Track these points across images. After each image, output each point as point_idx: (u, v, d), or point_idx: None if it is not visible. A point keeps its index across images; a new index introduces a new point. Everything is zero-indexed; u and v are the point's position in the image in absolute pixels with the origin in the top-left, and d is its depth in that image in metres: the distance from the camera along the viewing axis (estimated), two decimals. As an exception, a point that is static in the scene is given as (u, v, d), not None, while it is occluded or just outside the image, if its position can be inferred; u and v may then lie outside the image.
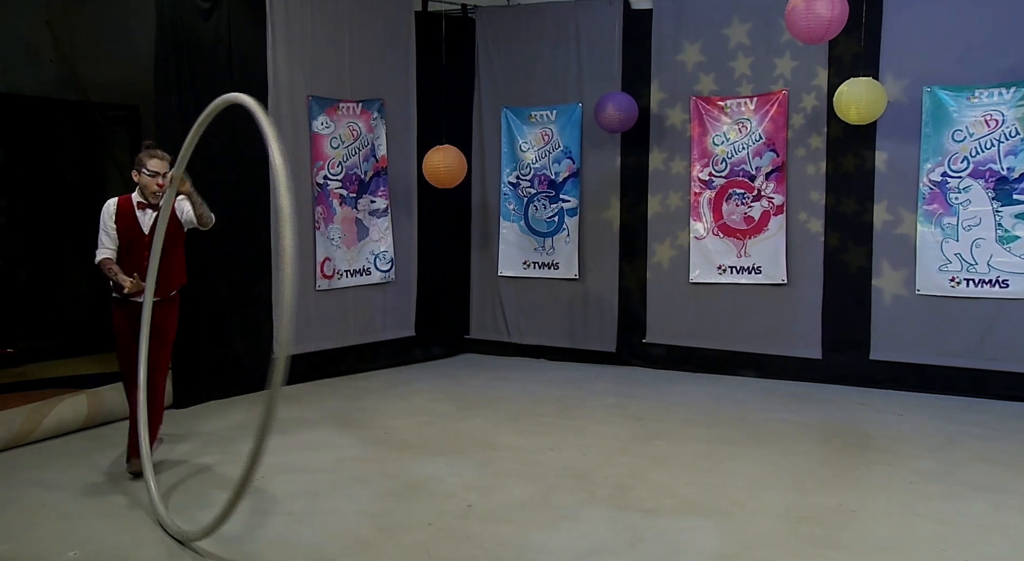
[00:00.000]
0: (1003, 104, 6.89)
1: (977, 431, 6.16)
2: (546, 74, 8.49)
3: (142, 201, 5.12)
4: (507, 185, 8.70)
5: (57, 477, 5.14)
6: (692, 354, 8.08)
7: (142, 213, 5.13)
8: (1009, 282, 6.92)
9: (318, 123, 7.65)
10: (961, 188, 7.04)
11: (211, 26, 6.91)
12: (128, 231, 5.09)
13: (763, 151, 7.70)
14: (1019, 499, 4.85)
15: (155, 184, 5.05)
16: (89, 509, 4.65)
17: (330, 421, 6.44)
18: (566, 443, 5.89)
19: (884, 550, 4.13)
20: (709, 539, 4.24)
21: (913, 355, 7.28)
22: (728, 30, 7.78)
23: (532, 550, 4.12)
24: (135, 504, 4.70)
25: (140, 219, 5.13)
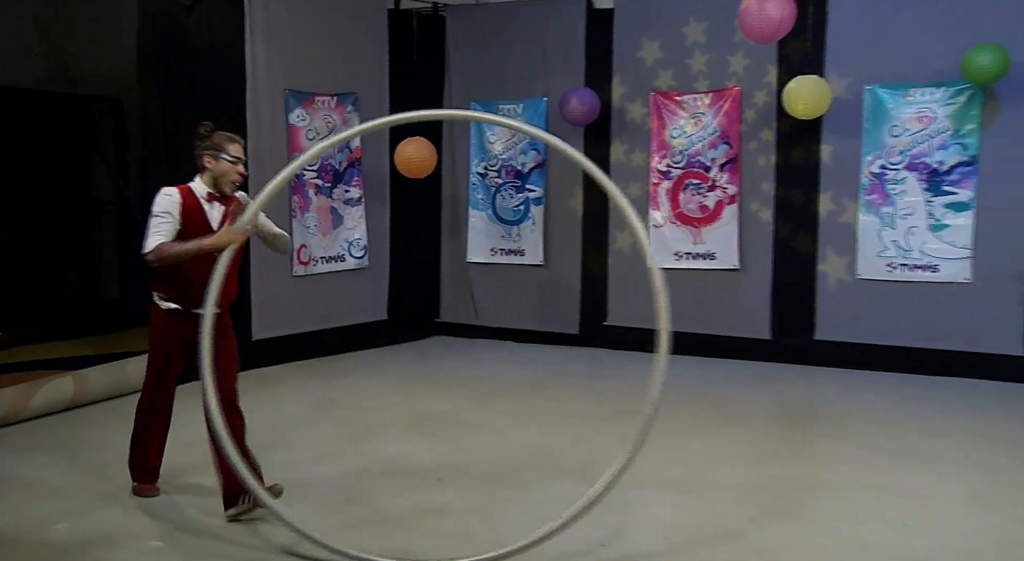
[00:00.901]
0: (935, 102, 6.97)
1: (916, 406, 6.26)
2: (513, 70, 8.44)
3: (212, 192, 4.12)
4: (475, 175, 8.66)
5: (45, 455, 5.05)
6: (651, 336, 8.06)
7: (210, 207, 4.11)
8: (939, 267, 7.03)
9: (294, 116, 7.55)
10: (897, 180, 7.13)
11: (192, 22, 6.80)
12: (193, 228, 4.01)
13: (718, 144, 7.73)
14: (956, 467, 4.94)
15: (236, 173, 4.10)
16: (77, 485, 4.58)
17: (306, 400, 6.39)
18: (534, 421, 5.89)
19: (834, 519, 4.18)
20: (670, 511, 4.28)
21: (855, 335, 7.37)
22: (685, 29, 7.79)
23: (500, 522, 4.12)
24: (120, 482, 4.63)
25: (208, 214, 4.10)
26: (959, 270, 6.94)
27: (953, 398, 6.46)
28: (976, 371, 6.93)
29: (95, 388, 6.14)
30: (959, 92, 6.83)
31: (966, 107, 6.84)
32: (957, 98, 6.86)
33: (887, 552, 3.80)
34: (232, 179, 4.10)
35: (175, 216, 3.99)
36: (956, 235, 6.94)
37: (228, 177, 4.09)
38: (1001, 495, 4.50)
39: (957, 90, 6.83)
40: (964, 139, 6.88)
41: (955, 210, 6.94)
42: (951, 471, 4.88)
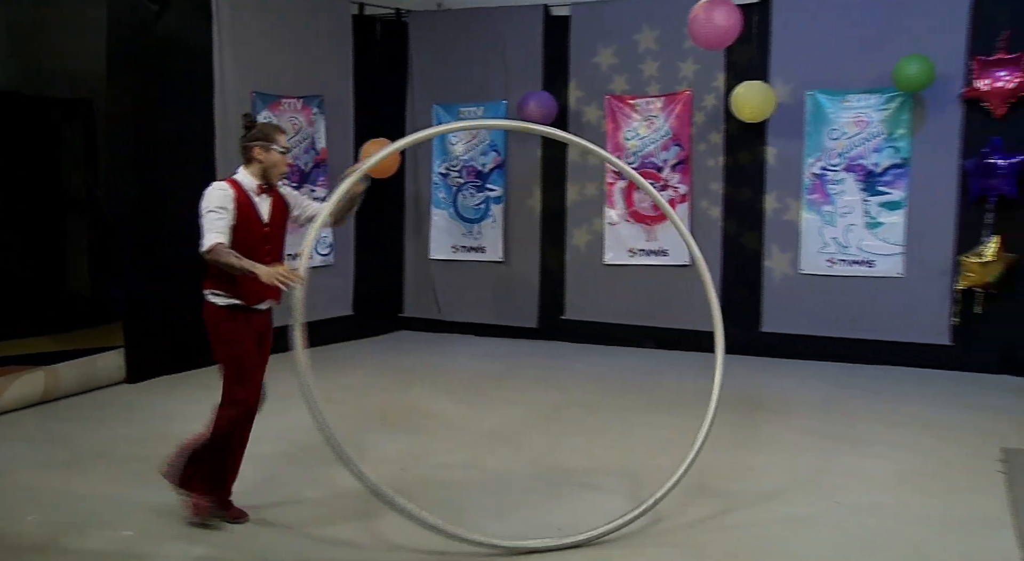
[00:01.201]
0: (871, 107, 7.15)
1: (850, 392, 6.44)
2: (473, 74, 8.49)
3: (261, 184, 3.90)
4: (438, 176, 8.71)
5: (17, 449, 5.03)
6: (606, 329, 8.23)
7: (260, 199, 3.91)
8: (875, 262, 7.23)
9: (261, 117, 7.52)
10: (836, 180, 7.31)
11: (160, 25, 6.75)
12: (245, 222, 3.82)
13: (669, 145, 7.85)
14: (877, 448, 5.13)
15: (285, 164, 3.94)
16: (48, 479, 4.57)
17: (273, 394, 6.38)
18: (494, 411, 5.97)
19: (770, 498, 4.33)
20: (620, 494, 4.37)
21: (798, 327, 7.53)
22: (638, 36, 7.89)
23: (461, 508, 4.18)
24: (90, 474, 4.64)
25: (258, 207, 3.90)
26: (893, 265, 7.15)
27: (886, 385, 6.66)
28: (907, 359, 7.14)
29: (66, 383, 6.11)
30: (891, 99, 7.03)
31: (898, 113, 7.04)
32: (890, 104, 7.05)
33: (821, 529, 3.95)
34: (282, 171, 3.93)
35: (229, 210, 3.77)
36: (890, 232, 7.14)
37: (278, 168, 3.91)
38: (927, 474, 4.68)
39: (890, 97, 7.02)
40: (896, 142, 7.08)
41: (889, 209, 7.14)
42: (875, 451, 5.05)
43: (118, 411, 5.90)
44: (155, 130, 6.78)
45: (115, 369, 6.52)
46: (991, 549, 3.74)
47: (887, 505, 4.24)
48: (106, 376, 6.46)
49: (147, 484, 4.48)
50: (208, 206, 3.76)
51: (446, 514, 4.09)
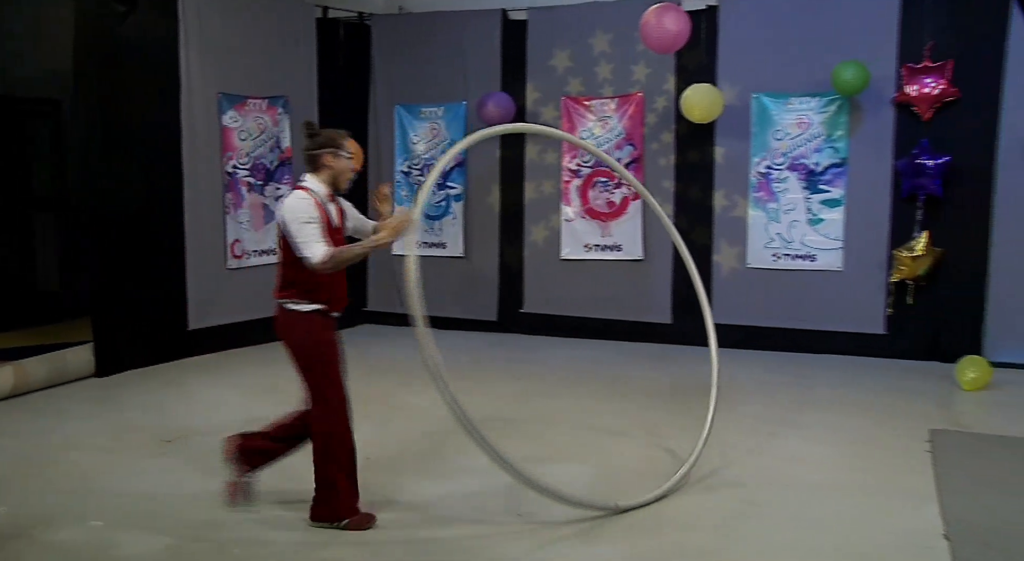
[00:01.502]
0: (812, 110, 7.31)
1: (794, 380, 6.60)
2: (434, 75, 8.52)
3: (331, 191, 3.83)
4: (400, 174, 8.73)
5: (-13, 444, 5.00)
6: (563, 321, 8.31)
7: (331, 206, 3.84)
8: (817, 257, 7.39)
9: (227, 117, 7.51)
10: (781, 179, 7.45)
11: (127, 27, 6.70)
12: (324, 229, 3.72)
13: (623, 145, 7.95)
14: (818, 432, 5.28)
15: (351, 170, 3.88)
16: (18, 471, 4.56)
17: (241, 386, 6.41)
18: (453, 401, 6.00)
19: (720, 482, 4.45)
20: (577, 481, 4.43)
21: (745, 318, 7.66)
22: (593, 40, 7.97)
23: (423, 497, 4.24)
24: (60, 467, 4.62)
25: (331, 213, 3.81)
26: (833, 259, 7.33)
27: (826, 372, 6.84)
28: (846, 348, 7.33)
29: (35, 378, 6.06)
30: (831, 101, 7.19)
31: (836, 115, 7.21)
32: (829, 107, 7.22)
33: (765, 510, 4.08)
34: (349, 176, 3.86)
35: (319, 215, 3.68)
36: (830, 228, 7.32)
37: (346, 175, 3.84)
38: (863, 455, 4.84)
39: (829, 100, 7.19)
40: (835, 143, 7.26)
41: (829, 206, 7.32)
42: (822, 436, 5.21)
43: (87, 405, 5.87)
44: (122, 129, 6.73)
45: (84, 363, 6.47)
46: (919, 521, 3.91)
47: (827, 485, 4.38)
48: (75, 370, 6.41)
49: (115, 476, 4.48)
50: (301, 217, 3.63)
51: (411, 502, 4.16)
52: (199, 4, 7.16)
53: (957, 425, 5.42)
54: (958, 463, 4.65)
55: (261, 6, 7.77)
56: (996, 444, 5.01)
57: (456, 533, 3.81)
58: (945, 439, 5.06)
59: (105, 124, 6.63)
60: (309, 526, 3.83)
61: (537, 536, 3.79)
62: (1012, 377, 6.52)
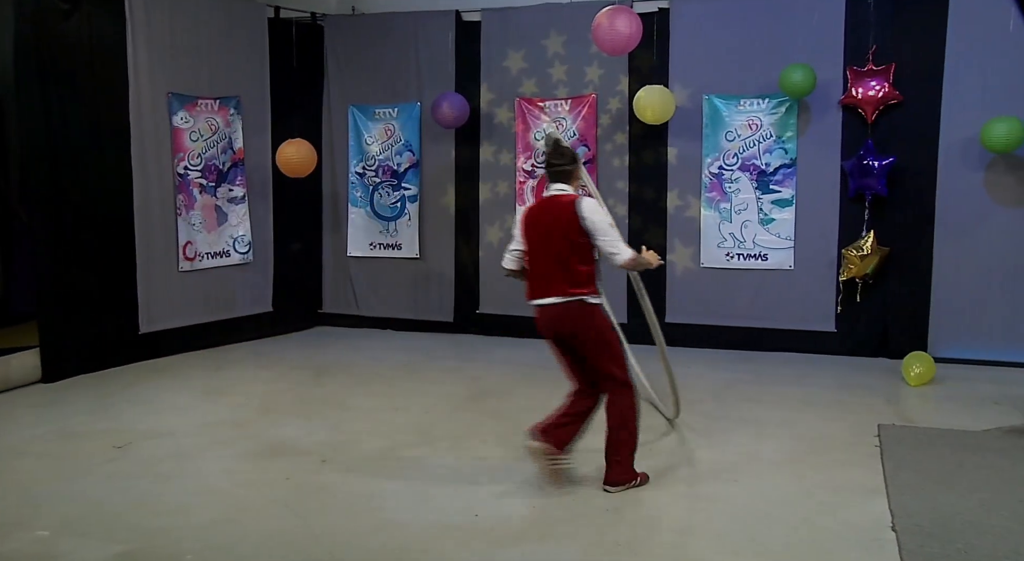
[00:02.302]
0: (762, 112, 7.42)
1: (747, 377, 6.68)
2: (388, 76, 8.48)
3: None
4: (354, 175, 8.67)
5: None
6: (518, 322, 8.27)
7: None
8: (768, 256, 7.50)
9: (178, 118, 7.39)
10: (733, 179, 7.55)
11: (71, 26, 6.56)
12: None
13: (577, 146, 7.97)
14: (770, 428, 5.36)
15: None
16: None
17: (195, 389, 6.32)
18: (411, 403, 6.00)
19: (672, 478, 4.50)
20: (532, 480, 4.44)
21: (699, 317, 7.73)
22: (546, 41, 8.00)
23: (380, 497, 4.23)
24: (5, 474, 4.50)
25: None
26: (784, 258, 7.45)
27: (778, 369, 6.93)
28: (797, 345, 7.43)
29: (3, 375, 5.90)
30: (780, 103, 7.31)
31: (785, 116, 7.33)
32: (778, 109, 7.34)
33: (718, 506, 4.14)
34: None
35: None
36: (781, 228, 7.43)
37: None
38: (814, 451, 4.92)
39: (778, 101, 7.30)
40: (785, 144, 7.38)
41: (780, 206, 7.43)
42: (768, 432, 5.29)
43: (34, 411, 5.73)
44: (68, 131, 6.58)
45: (31, 369, 6.32)
46: (868, 514, 3.99)
47: (779, 480, 4.45)
48: (21, 376, 6.26)
49: (64, 483, 4.39)
50: (607, 220, 4.15)
51: (366, 504, 4.14)
52: (147, 2, 7.03)
53: (904, 420, 5.55)
54: (905, 457, 4.76)
55: (211, 5, 7.66)
56: (941, 438, 5.14)
57: (413, 533, 3.79)
58: (892, 433, 5.18)
59: (50, 126, 6.47)
60: (607, 492, 4.22)
61: (489, 535, 3.79)
62: (955, 372, 6.69)
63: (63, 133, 6.55)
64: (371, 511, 4.05)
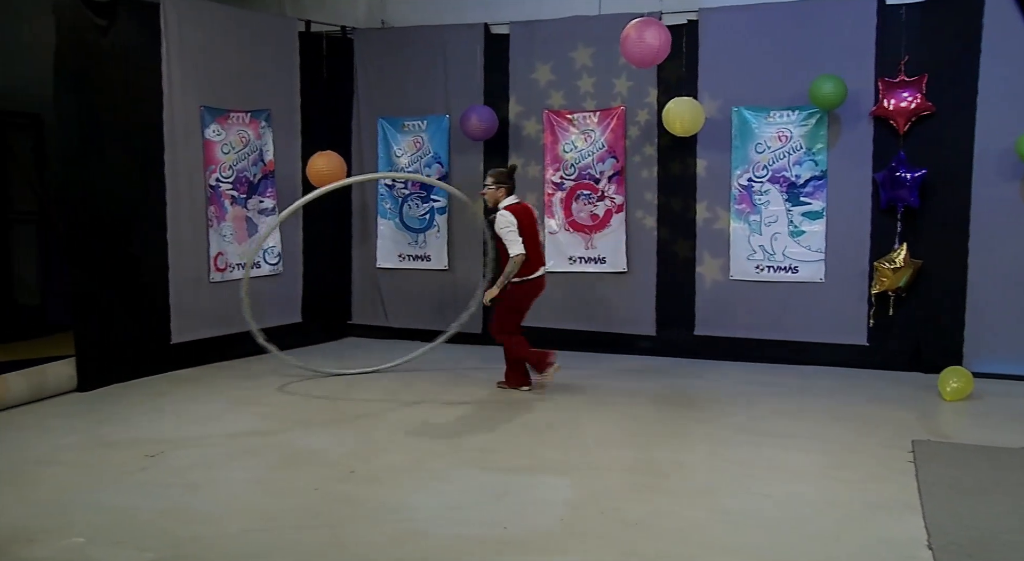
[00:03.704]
0: (791, 123, 7.38)
1: (775, 390, 6.63)
2: (417, 89, 8.53)
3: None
4: (383, 186, 8.72)
5: (-35, 461, 4.93)
6: (547, 333, 8.28)
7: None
8: (799, 268, 7.44)
9: (210, 131, 7.49)
10: (762, 191, 7.50)
11: (107, 41, 6.68)
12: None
13: (605, 157, 7.98)
14: (800, 442, 5.30)
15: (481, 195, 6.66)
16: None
17: (224, 400, 6.37)
18: (438, 413, 6.01)
19: (701, 492, 4.45)
20: (561, 492, 4.44)
21: (728, 330, 7.69)
22: (574, 54, 8.02)
23: (408, 508, 4.23)
24: (41, 482, 4.57)
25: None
26: (815, 271, 7.38)
27: (808, 383, 6.87)
28: (828, 359, 7.36)
29: (16, 393, 6.00)
30: (810, 115, 7.26)
31: (816, 128, 7.29)
32: (808, 120, 7.29)
33: (747, 520, 4.08)
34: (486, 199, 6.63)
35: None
36: (811, 240, 7.37)
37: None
38: (846, 465, 4.86)
39: (808, 113, 7.25)
40: (815, 156, 7.32)
41: (810, 218, 7.37)
42: (796, 445, 5.23)
43: (69, 419, 5.81)
44: (103, 143, 6.70)
45: (66, 378, 6.41)
46: (902, 531, 3.91)
47: (810, 495, 4.39)
48: (57, 385, 6.36)
49: (97, 490, 4.44)
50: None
51: (395, 515, 4.14)
52: (181, 17, 7.15)
53: (939, 435, 5.46)
54: (941, 473, 4.67)
55: (244, 20, 7.78)
56: (979, 454, 5.05)
57: (440, 544, 3.78)
58: (927, 449, 5.10)
59: (86, 137, 6.59)
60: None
61: (517, 548, 3.77)
62: (991, 387, 6.58)
63: (98, 145, 6.66)
64: (399, 522, 4.05)
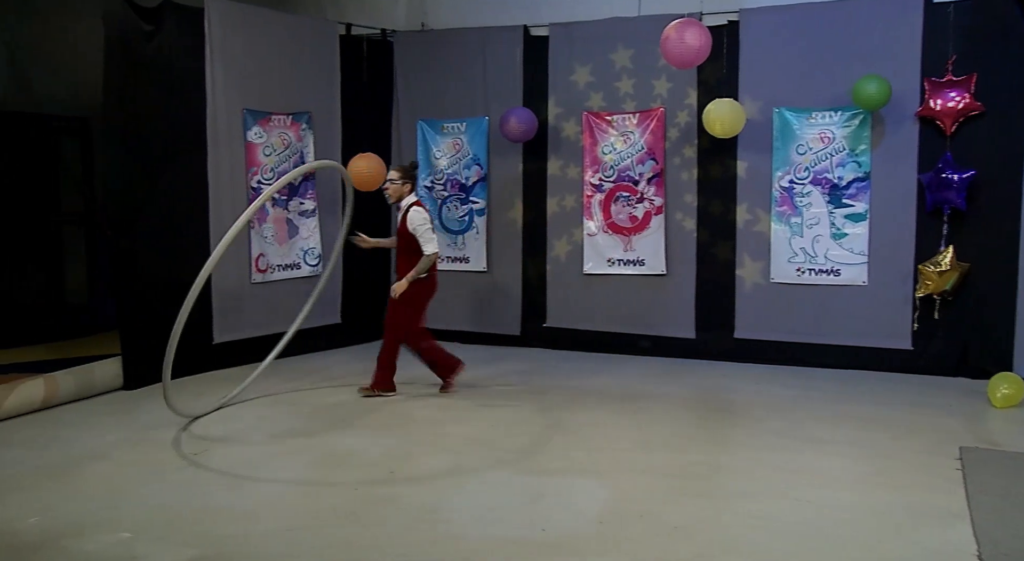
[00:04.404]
0: (834, 124, 7.28)
1: (815, 395, 6.54)
2: (456, 91, 8.57)
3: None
4: (423, 189, 8.76)
5: (19, 454, 5.07)
6: (586, 336, 8.29)
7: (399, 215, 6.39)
8: (841, 271, 7.33)
9: (252, 133, 7.60)
10: (804, 193, 7.41)
11: (154, 46, 6.82)
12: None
13: (645, 159, 7.95)
14: (841, 447, 5.23)
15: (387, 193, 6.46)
16: (49, 482, 4.62)
17: (264, 400, 6.46)
18: (476, 416, 6.03)
19: (739, 497, 4.41)
20: (597, 495, 4.44)
21: (768, 333, 7.60)
22: (614, 55, 8.00)
23: (445, 509, 4.25)
24: (89, 477, 4.68)
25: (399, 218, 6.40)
26: (857, 274, 7.27)
27: (851, 388, 6.76)
28: (871, 363, 7.25)
29: (65, 390, 6.15)
30: (853, 116, 7.15)
31: (859, 129, 7.18)
32: (851, 121, 7.19)
33: (786, 526, 4.04)
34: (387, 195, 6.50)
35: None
36: (854, 242, 7.26)
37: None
38: (889, 472, 4.78)
39: (851, 114, 7.15)
40: (858, 157, 7.22)
41: (853, 220, 7.27)
42: (835, 450, 5.16)
43: (115, 417, 5.94)
44: (149, 145, 6.84)
45: (113, 376, 6.56)
46: (949, 541, 3.84)
47: (851, 502, 4.33)
48: (103, 383, 6.50)
49: (144, 487, 4.53)
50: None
51: (433, 516, 4.17)
52: (224, 22, 7.27)
53: (988, 443, 5.34)
54: (990, 482, 4.57)
55: (286, 24, 7.89)
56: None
57: (478, 546, 3.80)
58: (976, 457, 4.99)
59: (132, 140, 6.73)
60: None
61: (554, 550, 3.77)
62: (1043, 394, 6.41)
63: (144, 149, 6.80)
64: (437, 523, 4.07)
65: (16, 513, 4.16)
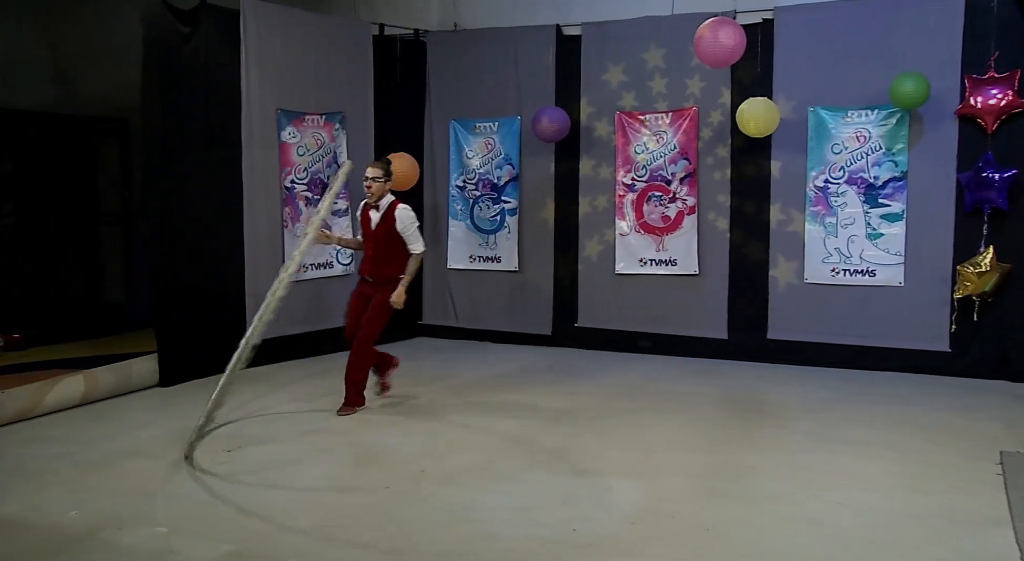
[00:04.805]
0: (870, 123, 7.18)
1: (849, 397, 6.46)
2: (489, 91, 8.59)
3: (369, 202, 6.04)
4: (455, 188, 8.80)
5: (60, 448, 5.16)
6: (617, 336, 8.27)
7: (373, 213, 6.03)
8: (876, 272, 7.24)
9: (286, 133, 7.68)
10: (839, 193, 7.33)
11: (191, 47, 6.93)
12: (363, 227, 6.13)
13: (677, 159, 7.90)
14: (877, 450, 5.15)
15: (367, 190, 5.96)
16: (89, 476, 4.70)
17: (298, 397, 6.51)
18: (508, 415, 6.02)
19: (772, 499, 4.37)
20: (630, 495, 4.42)
21: (802, 334, 7.53)
22: (646, 54, 7.97)
23: (478, 509, 4.25)
24: (127, 473, 4.75)
25: (371, 220, 6.04)
26: (893, 274, 7.17)
27: (886, 390, 6.67)
28: (907, 365, 7.15)
29: (104, 386, 6.26)
30: (890, 114, 7.06)
31: (896, 128, 7.08)
32: (888, 120, 7.09)
33: (821, 529, 3.99)
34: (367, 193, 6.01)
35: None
36: (890, 243, 7.17)
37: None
38: (927, 476, 4.70)
39: (888, 113, 7.05)
40: (895, 156, 7.12)
41: (889, 220, 7.17)
42: (871, 453, 5.09)
43: (152, 413, 6.04)
44: (186, 146, 6.94)
45: (149, 373, 6.66)
46: (991, 547, 3.77)
47: (887, 505, 4.27)
48: (140, 380, 6.61)
49: (180, 482, 4.59)
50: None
51: (465, 515, 4.17)
52: (260, 23, 7.36)
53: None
54: (1031, 486, 4.48)
55: (320, 24, 7.96)
56: (1070, 467, 4.82)
57: (509, 545, 3.80)
58: (1018, 462, 4.89)
59: (169, 142, 6.84)
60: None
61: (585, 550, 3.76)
62: (1086, 398, 6.28)
63: (181, 149, 6.90)
64: (468, 522, 4.08)
65: (58, 507, 4.24)
